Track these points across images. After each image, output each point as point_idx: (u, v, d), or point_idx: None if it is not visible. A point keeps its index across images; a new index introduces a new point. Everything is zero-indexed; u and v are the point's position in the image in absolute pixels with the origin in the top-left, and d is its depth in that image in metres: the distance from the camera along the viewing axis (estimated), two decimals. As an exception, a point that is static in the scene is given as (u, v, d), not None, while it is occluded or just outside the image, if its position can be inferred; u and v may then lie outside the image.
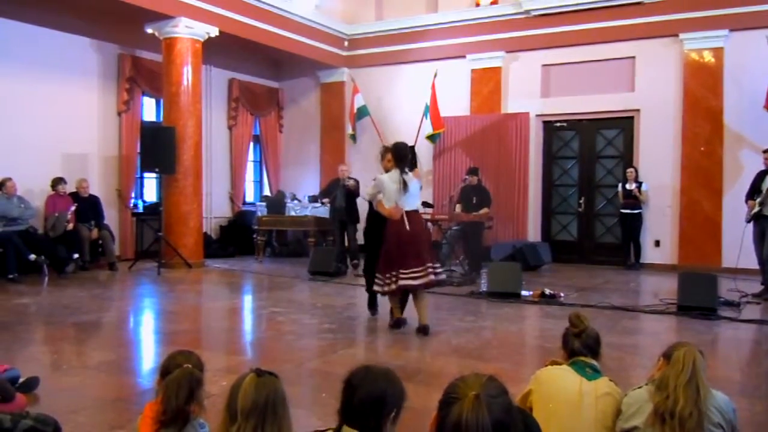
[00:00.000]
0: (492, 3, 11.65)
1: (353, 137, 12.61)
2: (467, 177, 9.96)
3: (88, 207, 9.60)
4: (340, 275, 9.13)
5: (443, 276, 5.98)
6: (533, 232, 11.38)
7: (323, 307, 6.82)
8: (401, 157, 5.73)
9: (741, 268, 8.28)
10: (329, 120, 13.28)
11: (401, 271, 5.47)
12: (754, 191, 7.70)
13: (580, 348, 2.55)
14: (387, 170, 5.80)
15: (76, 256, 9.14)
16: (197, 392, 2.13)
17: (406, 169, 5.72)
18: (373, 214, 6.07)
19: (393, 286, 5.52)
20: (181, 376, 2.11)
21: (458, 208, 9.70)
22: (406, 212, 5.62)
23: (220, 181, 12.65)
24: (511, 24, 11.39)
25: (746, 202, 7.79)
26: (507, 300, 7.18)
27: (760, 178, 7.68)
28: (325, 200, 10.57)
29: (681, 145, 10.24)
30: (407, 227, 5.56)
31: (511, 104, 11.52)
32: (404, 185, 5.59)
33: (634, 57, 10.61)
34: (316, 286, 8.47)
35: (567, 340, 2.59)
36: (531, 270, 9.62)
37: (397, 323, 5.76)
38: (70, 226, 9.18)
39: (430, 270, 5.56)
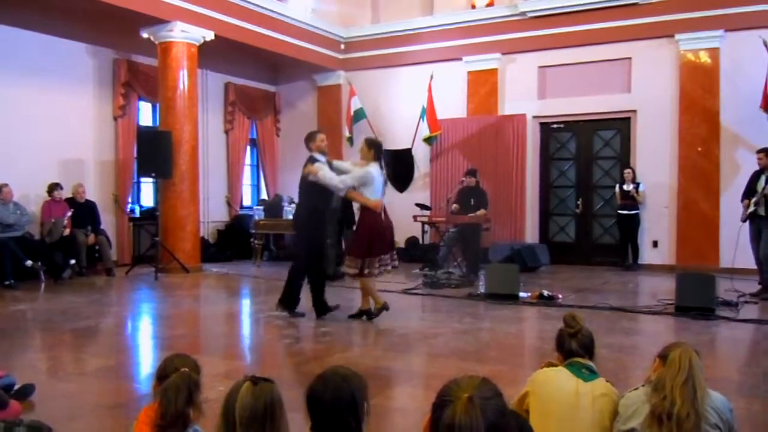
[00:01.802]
0: (488, 5, 11.67)
1: (350, 140, 12.60)
2: (465, 179, 9.95)
3: (85, 212, 9.57)
4: (337, 278, 9.11)
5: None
6: (531, 234, 11.37)
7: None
8: (381, 152, 6.30)
9: (739, 268, 8.28)
10: (326, 123, 13.25)
11: (390, 255, 6.15)
12: (750, 191, 7.71)
13: (577, 348, 2.53)
14: None
15: (72, 261, 9.11)
16: (195, 396, 2.10)
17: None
18: (319, 212, 6.32)
19: (387, 269, 6.13)
20: (179, 380, 2.09)
21: (455, 209, 9.68)
22: None
23: (216, 186, 12.63)
24: (507, 26, 11.40)
25: (742, 202, 7.81)
26: (505, 302, 7.17)
27: (755, 177, 7.70)
28: None
29: (678, 145, 10.24)
30: (387, 218, 6.20)
31: (508, 106, 11.52)
32: (386, 179, 6.24)
33: (630, 58, 10.62)
34: (314, 290, 8.42)
35: (562, 341, 2.57)
36: (529, 271, 9.61)
37: (386, 307, 6.24)
38: (67, 231, 9.14)
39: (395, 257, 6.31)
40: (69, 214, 9.23)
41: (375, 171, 6.08)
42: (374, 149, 6.23)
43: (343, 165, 6.56)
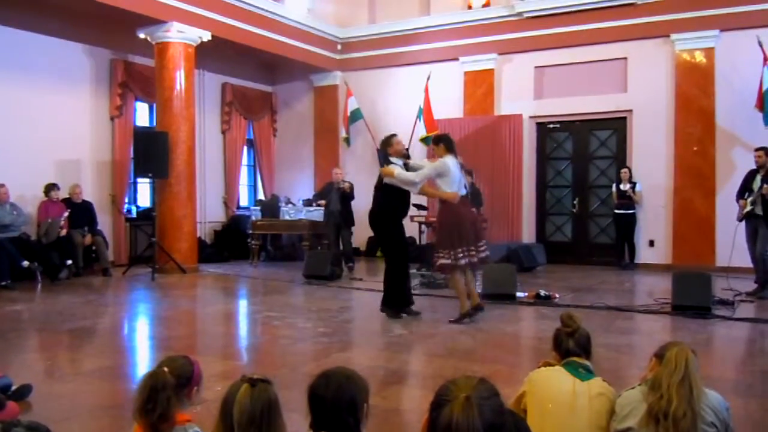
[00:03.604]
0: (484, 5, 11.68)
1: (347, 140, 12.62)
2: (461, 178, 9.94)
3: (81, 213, 9.56)
4: (334, 279, 9.11)
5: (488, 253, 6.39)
6: (528, 234, 11.39)
7: (318, 311, 6.81)
8: (451, 144, 6.19)
9: (735, 267, 8.29)
10: (323, 123, 13.27)
11: (471, 247, 5.99)
12: (744, 190, 7.72)
13: (574, 348, 2.54)
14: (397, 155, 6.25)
15: (69, 262, 9.08)
16: (161, 395, 2.04)
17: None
18: (390, 213, 6.25)
19: (466, 260, 5.95)
20: (146, 379, 2.08)
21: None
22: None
23: (213, 186, 12.62)
24: (504, 26, 11.42)
25: (737, 201, 7.82)
26: (502, 301, 7.17)
27: (750, 176, 7.71)
28: (321, 202, 10.57)
29: (674, 145, 10.27)
30: (469, 209, 6.15)
31: (504, 106, 11.53)
32: (464, 171, 6.21)
33: (626, 58, 10.65)
34: (311, 290, 8.44)
35: (560, 341, 2.58)
36: (526, 271, 9.62)
37: (480, 307, 6.16)
38: (63, 232, 9.13)
39: (484, 248, 6.18)
40: (66, 214, 9.22)
41: (451, 162, 6.04)
42: (443, 143, 6.17)
43: (418, 164, 6.49)
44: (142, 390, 2.06)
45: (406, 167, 6.28)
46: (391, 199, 6.28)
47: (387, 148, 6.37)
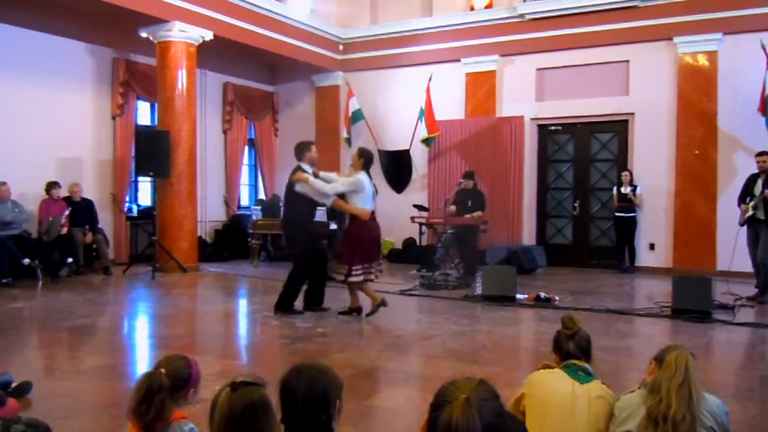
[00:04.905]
0: (486, 7, 11.68)
1: (348, 141, 12.62)
2: (462, 181, 9.94)
3: (82, 211, 9.55)
4: (334, 279, 9.09)
5: None
6: (528, 236, 11.38)
7: (317, 311, 6.80)
8: (371, 163, 6.39)
9: (735, 271, 8.29)
10: (324, 124, 13.27)
11: (375, 263, 6.34)
12: (746, 194, 7.72)
13: (574, 350, 2.55)
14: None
15: (69, 260, 9.08)
16: (157, 396, 2.05)
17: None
18: (303, 221, 6.42)
19: (370, 276, 6.32)
20: (142, 380, 2.09)
21: (452, 212, 9.68)
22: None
23: (214, 185, 12.62)
24: (506, 28, 11.41)
25: (739, 205, 7.81)
26: (502, 303, 7.18)
27: (752, 181, 7.70)
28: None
29: (675, 148, 10.27)
30: (376, 227, 6.39)
31: (506, 108, 11.53)
32: (375, 189, 6.38)
33: (628, 61, 10.63)
34: (311, 290, 8.42)
35: (560, 343, 2.58)
36: (526, 273, 9.62)
37: (359, 310, 6.49)
38: (64, 230, 9.13)
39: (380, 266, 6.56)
40: (66, 212, 9.21)
41: (365, 179, 6.19)
42: (364, 158, 6.31)
43: (329, 176, 6.54)
44: (137, 391, 2.06)
45: (316, 176, 6.33)
46: (304, 206, 6.36)
47: (304, 153, 6.44)
